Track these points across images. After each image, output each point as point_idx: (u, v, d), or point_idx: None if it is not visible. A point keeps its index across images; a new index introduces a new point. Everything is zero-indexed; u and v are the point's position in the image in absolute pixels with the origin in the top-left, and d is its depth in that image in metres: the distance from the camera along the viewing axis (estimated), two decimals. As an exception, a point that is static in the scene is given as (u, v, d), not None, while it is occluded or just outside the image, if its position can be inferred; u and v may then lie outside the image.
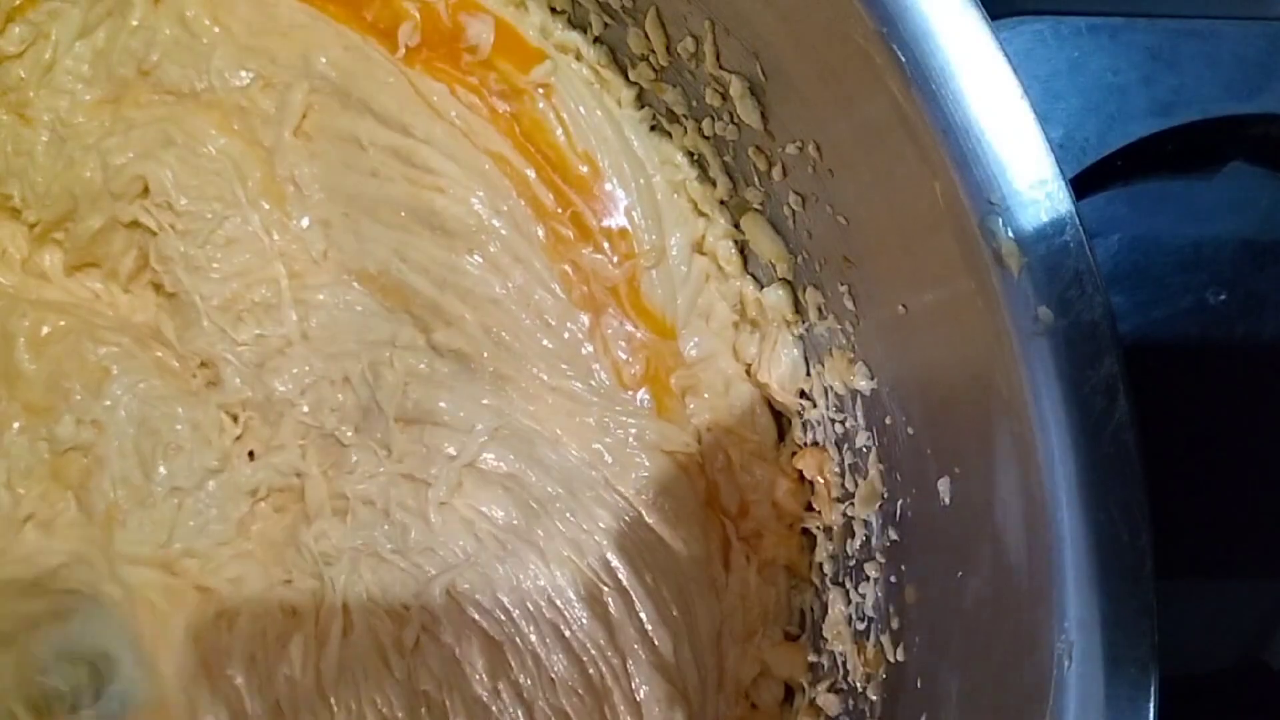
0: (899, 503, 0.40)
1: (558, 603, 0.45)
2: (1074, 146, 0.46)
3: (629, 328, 0.48)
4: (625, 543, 0.46)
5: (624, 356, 0.48)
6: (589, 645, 0.45)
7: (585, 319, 0.48)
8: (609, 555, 0.46)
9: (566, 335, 0.47)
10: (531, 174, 0.48)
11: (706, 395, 0.48)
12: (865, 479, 0.42)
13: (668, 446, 0.47)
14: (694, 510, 0.47)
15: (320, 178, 0.48)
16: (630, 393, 0.48)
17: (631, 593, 0.45)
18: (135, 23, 0.48)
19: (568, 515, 0.46)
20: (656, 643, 0.45)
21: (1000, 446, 0.32)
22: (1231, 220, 0.49)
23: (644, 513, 0.46)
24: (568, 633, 0.45)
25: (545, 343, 0.47)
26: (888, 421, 0.40)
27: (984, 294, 0.31)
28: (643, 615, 0.45)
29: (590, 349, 0.48)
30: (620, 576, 0.45)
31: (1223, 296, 0.49)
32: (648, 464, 0.46)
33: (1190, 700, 0.34)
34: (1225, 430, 0.49)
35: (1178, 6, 0.48)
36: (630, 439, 0.47)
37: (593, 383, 0.47)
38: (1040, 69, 0.46)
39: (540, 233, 0.48)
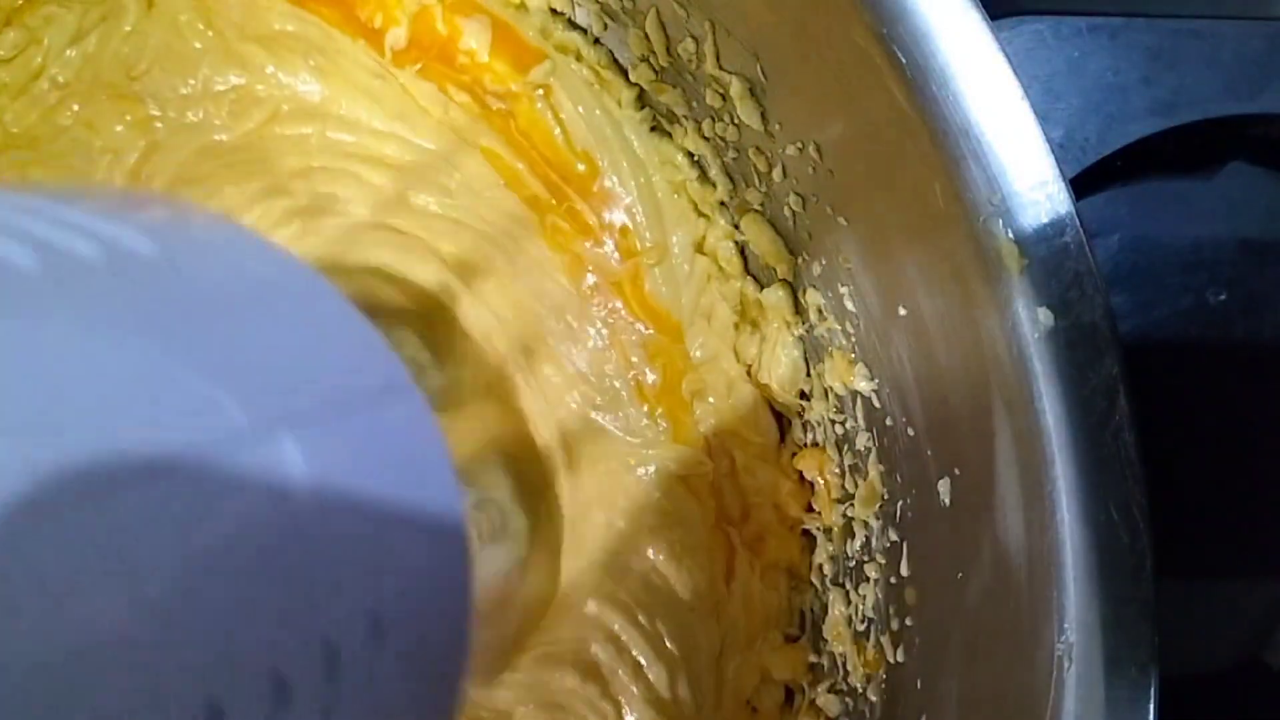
0: (899, 504, 0.40)
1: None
2: (1074, 146, 0.46)
3: (640, 327, 0.47)
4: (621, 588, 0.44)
5: (641, 365, 0.47)
6: (579, 705, 0.43)
7: (605, 330, 0.46)
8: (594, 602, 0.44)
9: (591, 345, 0.46)
10: (523, 168, 0.48)
11: (711, 399, 0.47)
12: (865, 480, 0.42)
13: (685, 472, 0.45)
14: (701, 536, 0.46)
15: (269, 164, 0.46)
16: (645, 408, 0.46)
17: (624, 636, 0.44)
18: (128, 28, 0.47)
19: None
20: (652, 679, 0.44)
21: (1000, 447, 0.32)
22: (1231, 220, 0.49)
23: (650, 550, 0.45)
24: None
25: (578, 362, 0.45)
26: (888, 423, 0.40)
27: (984, 295, 0.31)
28: (634, 651, 0.44)
29: (614, 364, 0.46)
30: (609, 620, 0.44)
31: (1223, 296, 0.48)
32: (662, 496, 0.45)
33: (1190, 700, 0.34)
34: (1225, 430, 0.49)
35: (1178, 6, 0.48)
36: (650, 473, 0.45)
37: (621, 413, 0.45)
38: (1040, 69, 0.46)
39: (537, 223, 0.48)
